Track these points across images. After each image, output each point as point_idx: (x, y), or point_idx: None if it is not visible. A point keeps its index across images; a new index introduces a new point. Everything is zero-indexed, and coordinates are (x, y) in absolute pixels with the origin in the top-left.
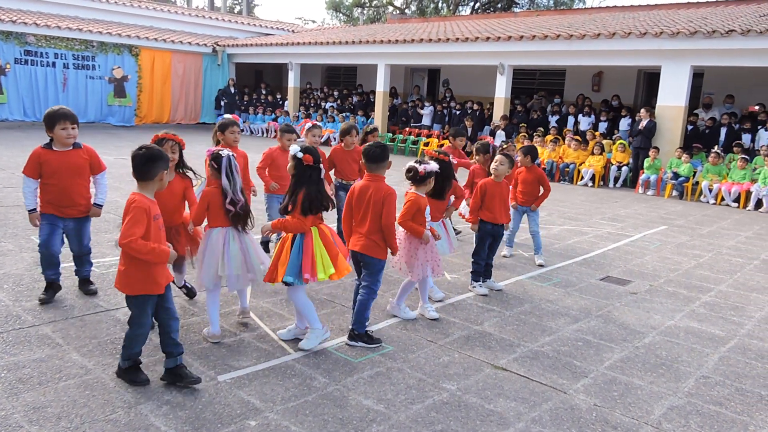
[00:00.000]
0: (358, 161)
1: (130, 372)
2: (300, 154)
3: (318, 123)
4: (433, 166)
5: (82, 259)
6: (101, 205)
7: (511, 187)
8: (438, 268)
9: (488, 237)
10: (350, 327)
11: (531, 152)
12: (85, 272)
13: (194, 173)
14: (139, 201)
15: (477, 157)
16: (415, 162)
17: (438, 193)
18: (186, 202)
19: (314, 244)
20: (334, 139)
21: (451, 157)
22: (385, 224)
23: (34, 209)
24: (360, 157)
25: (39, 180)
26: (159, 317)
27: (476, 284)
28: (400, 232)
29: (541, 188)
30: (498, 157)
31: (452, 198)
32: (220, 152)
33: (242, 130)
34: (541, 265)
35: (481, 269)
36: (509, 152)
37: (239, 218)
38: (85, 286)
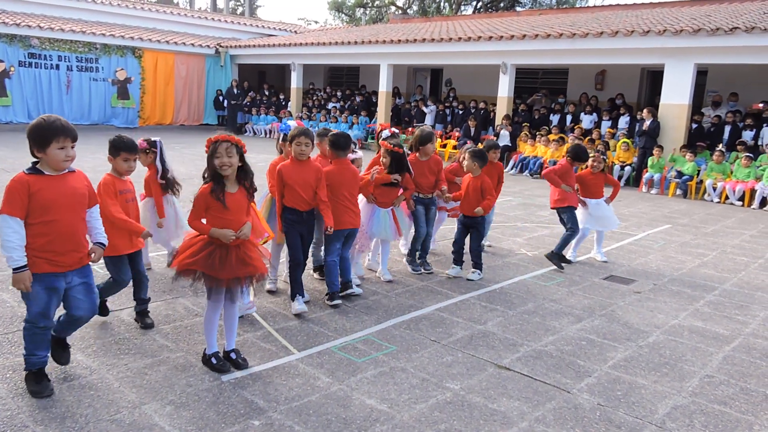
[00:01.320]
0: (435, 172)
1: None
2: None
3: (396, 131)
4: (359, 155)
5: (84, 323)
6: (105, 245)
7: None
8: (364, 246)
9: (459, 225)
10: (347, 281)
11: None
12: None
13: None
14: (104, 180)
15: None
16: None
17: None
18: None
19: None
20: None
21: (405, 149)
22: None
23: (26, 266)
24: (437, 166)
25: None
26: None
27: (451, 267)
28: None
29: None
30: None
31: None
32: (153, 139)
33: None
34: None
35: (456, 254)
36: (597, 162)
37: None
38: (61, 350)
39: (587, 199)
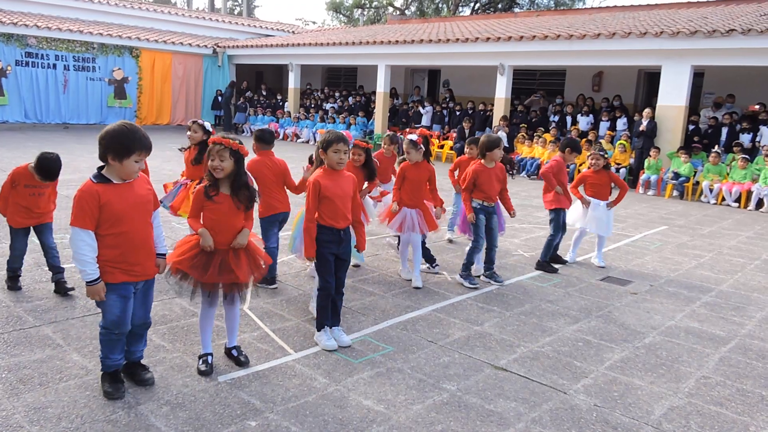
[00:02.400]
0: (501, 179)
1: (10, 280)
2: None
3: (413, 138)
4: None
5: (142, 335)
6: (165, 255)
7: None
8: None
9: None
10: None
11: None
12: (139, 353)
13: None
14: (19, 169)
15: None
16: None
17: (368, 176)
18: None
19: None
20: None
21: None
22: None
23: (99, 278)
24: (502, 173)
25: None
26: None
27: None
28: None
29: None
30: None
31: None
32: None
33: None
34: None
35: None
36: (596, 159)
37: None
38: (140, 371)
39: (591, 198)
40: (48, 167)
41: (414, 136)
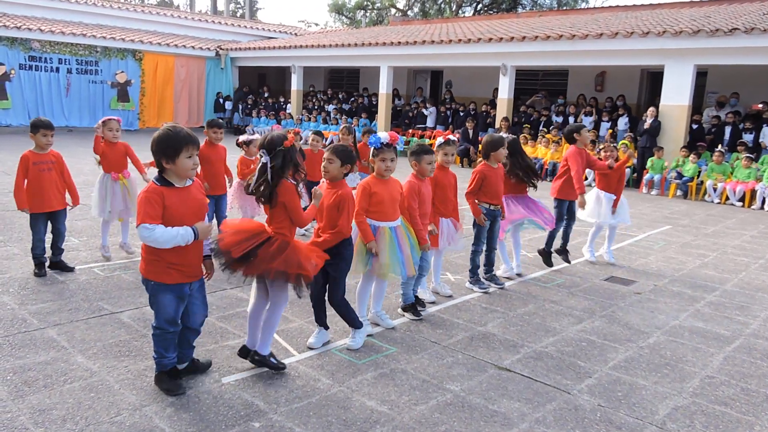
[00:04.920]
0: (503, 180)
1: (37, 267)
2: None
3: (454, 139)
4: (255, 136)
5: (197, 334)
6: (211, 257)
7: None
8: None
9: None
10: None
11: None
12: (191, 353)
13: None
14: (23, 155)
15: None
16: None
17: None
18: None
19: None
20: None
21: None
22: None
23: (195, 230)
24: (504, 175)
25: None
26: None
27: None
28: None
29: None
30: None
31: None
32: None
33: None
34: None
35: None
36: (610, 152)
37: None
38: (201, 368)
39: (604, 192)
40: (37, 119)
41: (442, 139)
